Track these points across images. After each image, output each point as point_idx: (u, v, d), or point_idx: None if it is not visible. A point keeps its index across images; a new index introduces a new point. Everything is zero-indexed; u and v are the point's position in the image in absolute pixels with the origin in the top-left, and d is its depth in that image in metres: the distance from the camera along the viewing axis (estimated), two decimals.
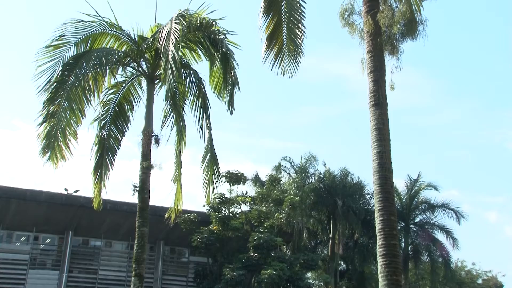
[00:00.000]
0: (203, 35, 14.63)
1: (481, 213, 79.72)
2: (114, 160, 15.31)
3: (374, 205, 10.95)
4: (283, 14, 12.49)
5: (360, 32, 12.48)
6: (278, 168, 34.96)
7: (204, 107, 14.98)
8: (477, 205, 79.69)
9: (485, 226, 75.80)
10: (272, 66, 12.51)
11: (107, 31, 14.49)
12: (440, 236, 34.37)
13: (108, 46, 14.60)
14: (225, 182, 29.00)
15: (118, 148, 15.48)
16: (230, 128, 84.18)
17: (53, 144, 12.14)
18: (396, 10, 11.50)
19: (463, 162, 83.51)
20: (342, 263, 37.79)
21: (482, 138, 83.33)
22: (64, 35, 13.52)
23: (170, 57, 11.84)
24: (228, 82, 14.45)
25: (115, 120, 15.37)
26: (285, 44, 12.56)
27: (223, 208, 28.93)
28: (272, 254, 27.40)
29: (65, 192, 29.09)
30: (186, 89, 15.42)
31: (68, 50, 13.50)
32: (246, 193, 32.51)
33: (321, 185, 34.77)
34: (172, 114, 14.76)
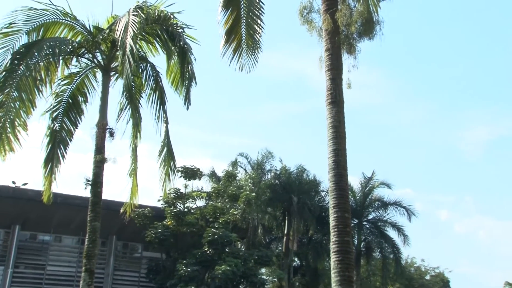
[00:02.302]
0: (161, 28, 14.43)
1: (433, 211, 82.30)
2: (66, 152, 14.88)
3: (329, 202, 11.06)
4: (242, 9, 12.48)
5: (319, 30, 12.55)
6: (234, 164, 34.95)
7: (161, 101, 14.78)
8: (429, 204, 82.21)
9: (436, 224, 78.27)
10: (231, 61, 12.52)
11: (61, 20, 14.04)
12: (392, 233, 35.25)
13: (61, 36, 14.17)
14: (180, 177, 28.78)
15: (71, 140, 15.08)
16: (190, 123, 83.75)
17: (1, 135, 11.70)
18: (354, 10, 11.62)
19: (418, 161, 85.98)
20: (296, 259, 38.17)
21: (438, 138, 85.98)
22: (14, 23, 13.03)
23: (127, 49, 11.61)
24: (185, 77, 14.32)
25: (68, 112, 14.94)
26: (243, 40, 12.56)
27: (178, 203, 28.68)
28: (227, 250, 27.37)
29: (13, 185, 28.12)
30: (143, 82, 15.16)
31: (18, 38, 13.02)
32: (202, 189, 32.38)
33: (277, 181, 34.98)
34: (128, 107, 14.44)
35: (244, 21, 12.49)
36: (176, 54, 14.61)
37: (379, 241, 35.16)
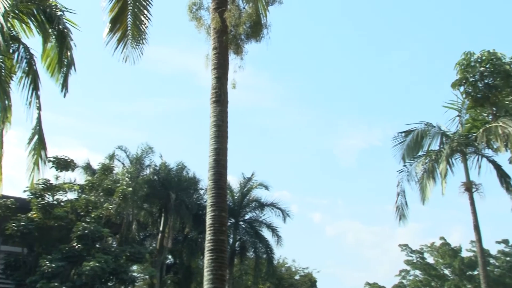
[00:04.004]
0: (37, 8, 13.36)
1: (307, 214, 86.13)
2: None
3: (207, 200, 11.07)
4: None
5: (207, 28, 12.54)
6: (112, 157, 33.71)
7: (35, 86, 13.70)
8: (304, 206, 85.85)
9: (309, 226, 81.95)
10: (115, 51, 12.05)
11: None
12: (267, 233, 36.23)
13: None
14: (52, 167, 27.06)
15: None
16: (68, 112, 79.27)
17: None
18: (244, 11, 11.77)
19: (297, 165, 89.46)
20: (170, 257, 37.80)
21: (317, 143, 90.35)
22: None
23: None
24: (63, 63, 13.44)
25: None
26: (129, 30, 12.13)
27: (47, 195, 26.94)
28: (97, 246, 26.24)
29: None
30: (14, 64, 13.99)
31: None
32: (75, 181, 30.76)
33: (155, 177, 34.41)
34: None
35: (131, 10, 12.06)
36: (54, 37, 13.68)
37: (254, 241, 35.96)
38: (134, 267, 33.92)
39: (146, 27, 12.13)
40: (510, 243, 50.93)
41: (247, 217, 37.11)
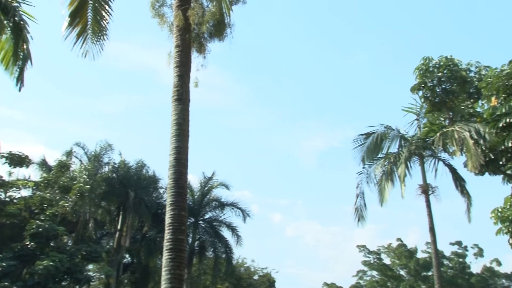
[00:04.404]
0: None
1: (267, 214, 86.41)
2: None
3: (166, 199, 10.93)
4: None
5: (170, 26, 12.39)
6: (69, 153, 32.87)
7: None
8: (265, 206, 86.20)
9: (269, 226, 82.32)
10: (74, 45, 11.75)
11: None
12: (227, 233, 36.10)
13: None
14: (5, 163, 26.31)
15: None
16: (25, 107, 77.05)
17: None
18: (207, 10, 11.68)
19: (259, 165, 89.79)
20: (127, 256, 37.19)
21: (279, 145, 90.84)
22: None
23: None
24: (19, 56, 13.00)
25: None
26: (89, 25, 11.85)
27: None
28: (52, 244, 25.58)
29: None
30: None
31: None
32: (29, 177, 29.88)
33: (114, 175, 33.80)
34: None
35: (91, 5, 11.81)
36: (10, 29, 13.21)
37: (213, 240, 35.79)
38: (90, 266, 33.23)
39: (107, 23, 11.90)
40: (463, 245, 52.50)
41: (207, 216, 36.92)
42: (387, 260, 54.68)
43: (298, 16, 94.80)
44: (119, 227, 33.25)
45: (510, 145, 17.23)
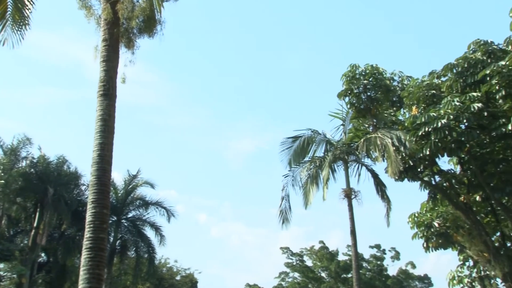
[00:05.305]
0: None
1: (193, 214, 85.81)
2: None
3: (88, 196, 10.61)
4: None
5: (98, 19, 12.03)
6: None
7: None
8: (191, 206, 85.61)
9: (195, 226, 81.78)
10: None
11: None
12: (150, 232, 35.51)
13: None
14: None
15: None
16: None
17: None
18: (137, 5, 11.44)
19: (187, 165, 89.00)
20: (43, 254, 35.64)
21: (208, 145, 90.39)
22: None
23: None
24: None
25: None
26: (9, 12, 11.24)
27: None
28: None
29: None
30: None
31: None
32: None
33: (32, 170, 32.29)
34: None
35: None
36: None
37: (136, 240, 35.09)
38: (1, 265, 31.58)
39: (30, 11, 11.32)
40: (382, 248, 54.77)
41: (130, 215, 36.12)
42: (309, 262, 56.03)
43: (232, 17, 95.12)
44: (35, 224, 31.79)
45: (428, 153, 18.16)
